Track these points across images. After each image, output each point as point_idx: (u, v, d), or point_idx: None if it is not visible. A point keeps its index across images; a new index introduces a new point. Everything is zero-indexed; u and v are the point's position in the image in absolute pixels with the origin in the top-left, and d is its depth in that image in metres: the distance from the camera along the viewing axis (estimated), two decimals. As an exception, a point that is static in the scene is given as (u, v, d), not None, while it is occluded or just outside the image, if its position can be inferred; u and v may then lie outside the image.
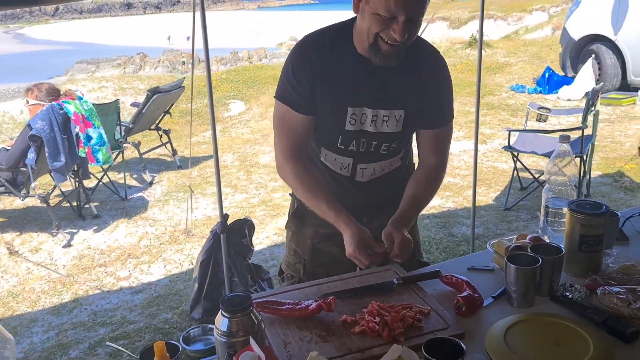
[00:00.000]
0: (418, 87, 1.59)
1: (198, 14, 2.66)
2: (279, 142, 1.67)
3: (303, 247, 1.82)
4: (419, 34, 1.52)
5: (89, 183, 5.02)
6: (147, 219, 4.64)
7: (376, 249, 1.52)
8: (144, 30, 44.72)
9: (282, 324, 1.33)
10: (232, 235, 2.88)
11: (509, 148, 4.42)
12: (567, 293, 1.38)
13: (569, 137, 1.61)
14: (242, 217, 3.14)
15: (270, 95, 9.09)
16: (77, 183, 4.53)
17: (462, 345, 1.06)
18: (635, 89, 7.70)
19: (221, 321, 1.13)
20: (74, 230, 4.42)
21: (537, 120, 6.44)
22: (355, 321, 1.31)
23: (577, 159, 4.05)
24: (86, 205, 4.70)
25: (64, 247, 4.13)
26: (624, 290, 1.32)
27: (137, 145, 5.45)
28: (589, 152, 4.39)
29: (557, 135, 4.31)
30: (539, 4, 23.49)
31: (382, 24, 1.40)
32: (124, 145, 5.24)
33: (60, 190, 4.60)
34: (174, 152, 5.96)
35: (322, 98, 1.56)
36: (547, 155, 4.18)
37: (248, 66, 12.37)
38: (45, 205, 4.17)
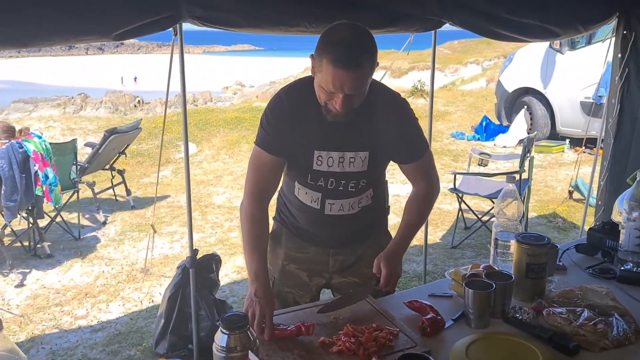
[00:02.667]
0: (382, 129, 1.76)
1: (176, 57, 2.81)
2: (248, 179, 1.82)
3: (274, 265, 1.96)
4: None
5: (41, 222, 4.94)
6: (102, 258, 4.62)
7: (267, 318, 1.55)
8: (86, 70, 44.00)
9: (264, 344, 1.46)
10: (200, 270, 2.97)
11: (454, 190, 4.75)
12: (517, 315, 1.57)
13: (514, 178, 1.86)
14: (210, 252, 3.24)
15: (222, 138, 9.24)
16: (30, 222, 4.47)
17: (432, 359, 1.24)
18: (564, 138, 8.38)
19: (220, 338, 1.24)
20: (27, 270, 4.34)
21: (478, 164, 6.89)
22: (333, 342, 1.46)
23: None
24: (39, 245, 4.63)
25: (17, 286, 4.05)
26: (565, 311, 1.52)
27: (91, 185, 5.43)
28: (526, 195, 4.78)
29: (498, 178, 4.72)
30: (473, 57, 24.98)
31: (327, 96, 1.60)
32: (78, 185, 5.21)
33: (12, 229, 4.52)
34: (128, 192, 5.96)
35: (292, 141, 1.74)
36: (489, 196, 4.54)
37: (198, 109, 12.49)
38: (-2, 244, 4.11)
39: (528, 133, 8.56)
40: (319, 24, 2.48)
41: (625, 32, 3.27)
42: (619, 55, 3.33)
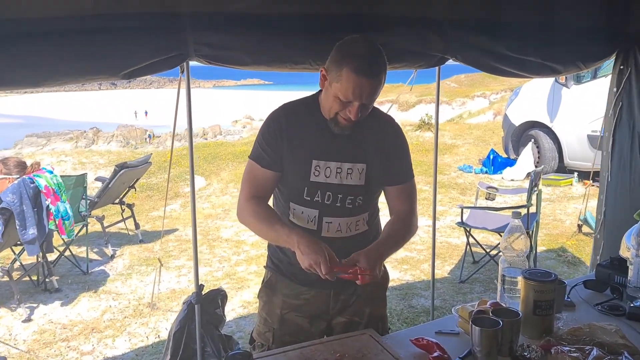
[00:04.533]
0: (377, 145, 1.83)
1: (183, 91, 2.86)
2: (242, 190, 1.87)
3: (273, 316, 1.94)
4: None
5: (50, 256, 4.96)
6: (109, 293, 4.61)
7: (335, 259, 1.61)
8: (98, 105, 44.71)
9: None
10: (206, 306, 2.96)
11: (462, 224, 4.73)
12: (525, 353, 1.54)
13: (520, 213, 1.86)
14: (216, 288, 3.23)
15: (230, 172, 9.30)
16: (39, 256, 4.49)
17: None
18: (572, 171, 8.36)
19: (227, 375, 1.26)
20: (35, 305, 4.33)
21: (486, 198, 6.87)
22: (339, 380, 1.46)
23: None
24: (47, 279, 4.64)
25: (24, 321, 4.04)
26: (574, 349, 1.49)
27: (100, 219, 5.47)
28: (534, 229, 4.74)
29: (506, 212, 4.70)
30: (479, 90, 25.18)
31: (340, 106, 1.68)
32: (88, 219, 5.25)
33: (21, 263, 4.55)
34: (137, 226, 5.99)
35: (289, 153, 1.79)
36: (497, 230, 4.51)
37: (207, 142, 12.63)
38: (7, 279, 4.11)
39: (536, 166, 8.58)
40: (324, 61, 2.54)
41: (622, 67, 3.31)
42: (614, 89, 3.37)
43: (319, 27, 2.60)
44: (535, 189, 4.60)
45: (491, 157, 9.34)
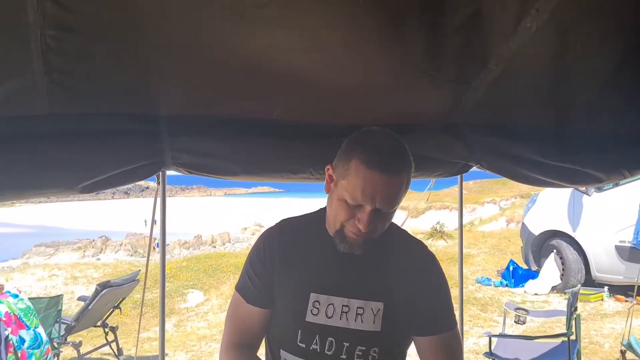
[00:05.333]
0: (402, 276, 1.35)
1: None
2: (225, 331, 1.46)
3: None
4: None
5: (14, 392, 4.30)
6: None
7: None
8: (109, 214, 45.00)
9: None
10: None
11: (490, 355, 4.06)
12: None
13: None
14: None
15: (232, 285, 8.70)
16: (-3, 394, 3.86)
17: None
18: (601, 285, 7.67)
19: None
20: None
21: (515, 321, 6.15)
22: None
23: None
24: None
25: None
26: None
27: (77, 346, 4.85)
28: (576, 360, 4.07)
29: (541, 341, 4.06)
30: (489, 197, 24.98)
31: (347, 212, 1.27)
32: (62, 345, 4.64)
33: (-24, 402, 3.90)
34: (119, 352, 5.34)
35: (281, 285, 1.35)
36: (533, 363, 3.84)
37: (210, 253, 12.16)
38: None
39: (561, 279, 7.93)
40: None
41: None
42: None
43: (319, 132, 2.22)
44: (574, 312, 3.98)
45: (511, 268, 8.73)
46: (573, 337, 3.99)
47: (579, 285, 5.33)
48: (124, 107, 1.99)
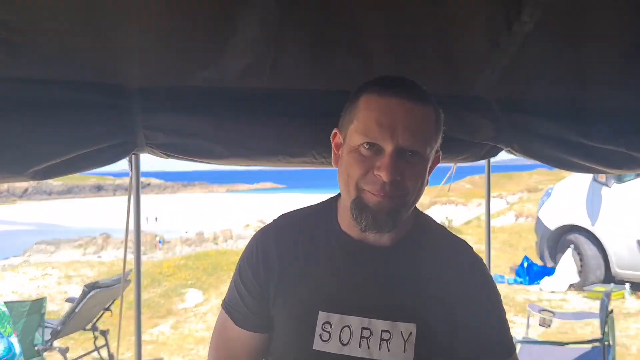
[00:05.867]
0: (441, 288, 1.01)
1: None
2: (209, 355, 1.15)
3: None
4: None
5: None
6: None
7: None
8: (110, 211, 44.82)
9: None
10: None
11: (514, 361, 3.67)
12: None
13: None
14: None
15: (232, 284, 8.37)
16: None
17: None
18: (622, 282, 7.27)
19: None
20: None
21: (540, 324, 5.69)
22: None
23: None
24: None
25: None
26: None
27: (64, 351, 4.49)
28: (610, 367, 3.69)
29: (572, 347, 3.67)
30: (495, 191, 24.64)
31: (363, 164, 0.96)
32: (46, 352, 4.29)
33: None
34: (111, 357, 4.99)
35: (279, 299, 1.02)
36: (563, 373, 3.46)
37: (210, 251, 11.83)
38: None
39: (579, 276, 7.55)
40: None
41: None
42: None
43: (325, 106, 1.83)
44: (609, 315, 3.60)
45: (525, 265, 8.36)
46: (607, 343, 3.61)
47: (612, 286, 4.90)
48: (84, 73, 1.61)
